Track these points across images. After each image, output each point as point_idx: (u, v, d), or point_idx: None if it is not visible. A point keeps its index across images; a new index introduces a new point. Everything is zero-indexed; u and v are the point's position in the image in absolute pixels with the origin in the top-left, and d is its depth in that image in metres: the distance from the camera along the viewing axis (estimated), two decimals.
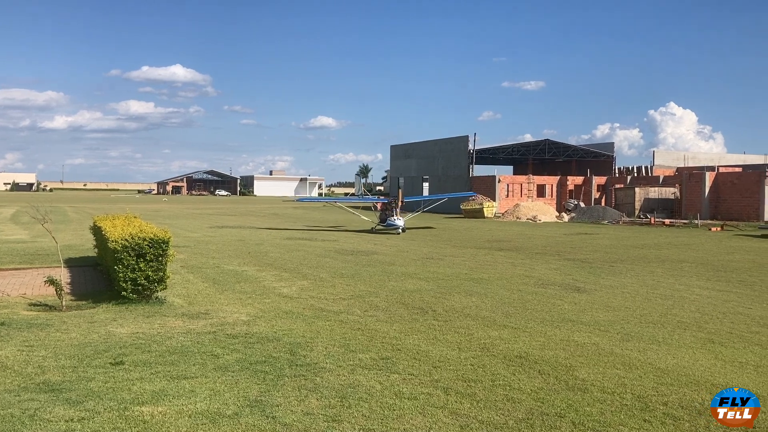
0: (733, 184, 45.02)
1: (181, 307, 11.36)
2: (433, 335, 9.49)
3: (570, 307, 11.93)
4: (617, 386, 7.09)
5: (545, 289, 14.04)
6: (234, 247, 22.50)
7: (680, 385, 7.20)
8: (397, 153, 72.03)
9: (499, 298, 12.88)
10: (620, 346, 8.94)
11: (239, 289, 13.55)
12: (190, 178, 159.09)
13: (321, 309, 11.42)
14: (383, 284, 14.40)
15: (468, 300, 12.57)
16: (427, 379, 7.28)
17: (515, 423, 5.98)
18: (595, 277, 16.14)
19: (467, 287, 14.18)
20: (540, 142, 64.34)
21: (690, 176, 47.67)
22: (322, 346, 8.71)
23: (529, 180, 56.50)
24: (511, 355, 8.39)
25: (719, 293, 13.87)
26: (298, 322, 10.21)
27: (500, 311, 11.47)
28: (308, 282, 14.61)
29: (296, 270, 16.67)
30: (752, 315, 11.44)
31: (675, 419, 6.13)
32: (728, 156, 73.17)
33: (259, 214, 50.96)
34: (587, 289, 14.12)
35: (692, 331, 10.05)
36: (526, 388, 6.99)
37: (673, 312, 11.62)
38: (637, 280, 15.79)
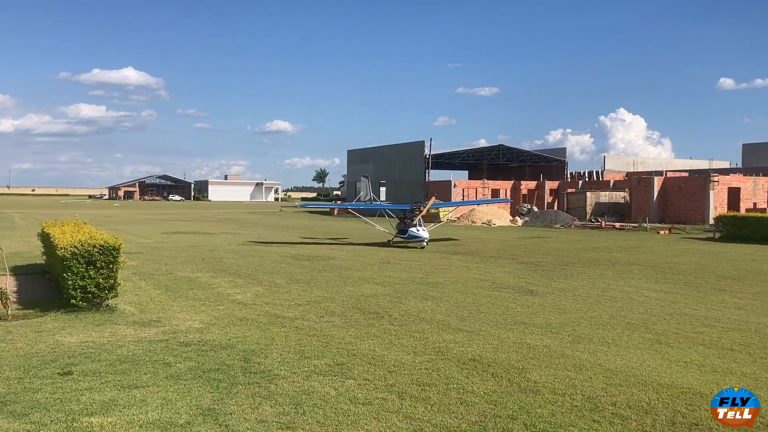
0: (680, 188, 46.35)
1: (133, 315, 11.15)
2: (388, 340, 9.52)
3: (523, 310, 12.12)
4: (568, 387, 7.24)
5: (499, 293, 14.23)
6: (187, 254, 22.17)
7: (628, 385, 7.38)
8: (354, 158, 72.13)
9: (454, 301, 13.00)
10: (571, 348, 9.13)
11: (192, 296, 13.37)
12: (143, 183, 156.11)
13: (276, 315, 11.35)
14: (339, 289, 14.38)
15: (423, 304, 12.65)
16: (382, 384, 7.30)
17: (468, 426, 6.06)
18: (547, 280, 16.43)
19: (423, 291, 14.27)
20: (494, 148, 65.24)
21: (639, 181, 48.92)
22: (277, 352, 8.65)
23: (484, 185, 57.20)
24: (465, 358, 8.48)
25: (666, 295, 14.27)
26: (252, 329, 10.12)
27: (455, 315, 11.58)
28: (263, 288, 14.50)
29: (251, 276, 16.52)
30: (697, 315, 11.79)
31: (623, 419, 6.29)
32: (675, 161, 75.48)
33: (214, 220, 50.30)
34: (540, 292, 14.36)
35: (640, 332, 10.32)
36: (480, 390, 7.08)
37: (623, 314, 11.91)
38: (588, 282, 16.13)
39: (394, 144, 65.22)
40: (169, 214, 62.56)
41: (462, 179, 63.91)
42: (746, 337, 10.00)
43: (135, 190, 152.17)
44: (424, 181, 58.40)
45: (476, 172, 73.63)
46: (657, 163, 72.25)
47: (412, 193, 57.43)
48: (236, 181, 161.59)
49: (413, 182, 59.34)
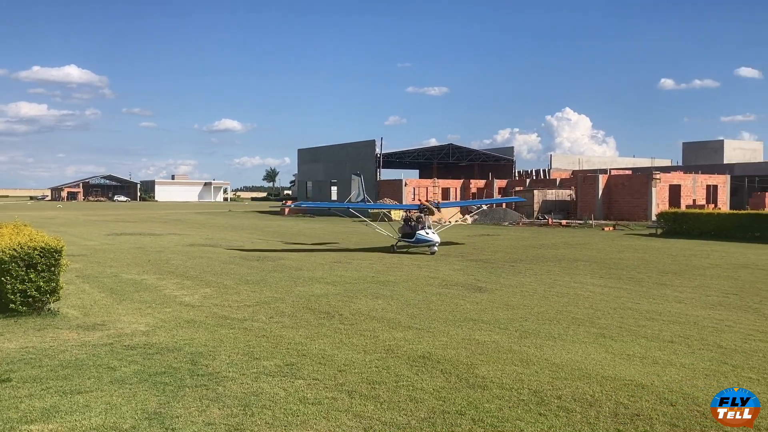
0: (624, 186, 47.62)
1: (76, 319, 10.85)
2: (338, 339, 9.51)
3: (472, 307, 12.27)
4: (515, 382, 7.36)
5: (449, 290, 14.37)
6: (133, 255, 21.69)
7: (573, 378, 7.55)
8: (305, 157, 71.73)
9: (404, 299, 13.07)
10: (518, 343, 9.28)
11: (138, 298, 13.09)
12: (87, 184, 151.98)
13: (224, 317, 11.21)
14: (290, 290, 14.29)
15: (374, 303, 12.68)
16: (332, 383, 7.29)
17: (417, 422, 6.10)
18: (496, 277, 16.66)
19: (374, 290, 14.30)
20: (444, 147, 65.78)
21: (584, 179, 50.06)
22: (225, 354, 8.55)
23: (435, 183, 57.65)
24: (414, 355, 8.54)
25: (611, 290, 14.64)
26: (200, 331, 9.97)
27: (405, 313, 11.65)
28: (212, 289, 14.30)
29: (199, 277, 16.27)
30: (640, 309, 12.14)
31: (568, 411, 6.43)
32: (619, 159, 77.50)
33: (161, 220, 49.32)
34: (488, 289, 14.56)
35: (585, 326, 10.57)
36: (429, 387, 7.14)
37: (569, 309, 12.17)
38: (536, 279, 16.43)
39: (345, 143, 65.13)
40: (115, 215, 61.08)
41: (413, 178, 64.27)
42: (685, 329, 10.35)
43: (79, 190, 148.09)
44: (375, 180, 58.48)
45: (427, 171, 74.13)
46: (602, 161, 74.05)
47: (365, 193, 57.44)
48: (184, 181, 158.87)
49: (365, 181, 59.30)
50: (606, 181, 48.35)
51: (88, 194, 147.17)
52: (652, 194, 45.12)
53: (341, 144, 65.68)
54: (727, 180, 50.69)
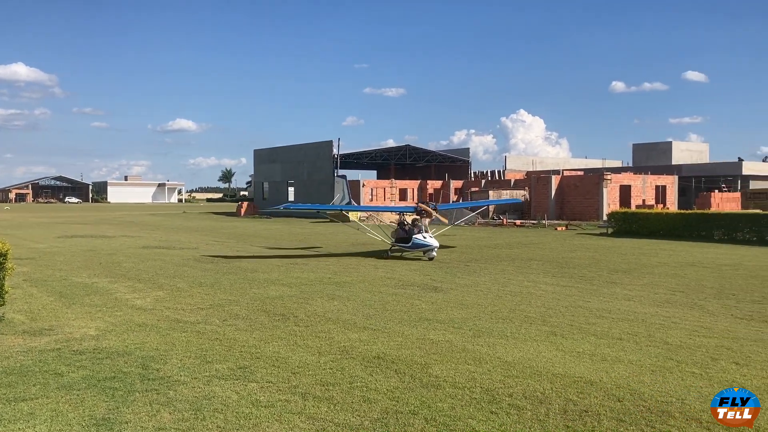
0: (576, 186, 48.56)
1: (22, 324, 10.55)
2: (293, 341, 9.47)
3: (427, 307, 12.36)
4: (468, 381, 7.45)
5: (405, 290, 14.44)
6: (84, 258, 21.20)
7: (525, 376, 7.68)
8: (262, 157, 71.09)
9: (360, 300, 13.08)
10: (472, 342, 9.40)
11: (88, 302, 12.80)
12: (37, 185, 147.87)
13: (177, 320, 11.04)
14: (245, 292, 14.16)
15: (330, 304, 12.66)
16: (286, 385, 7.26)
17: (370, 423, 6.13)
18: (451, 277, 16.81)
19: (330, 291, 14.28)
20: (401, 148, 66.02)
21: (538, 179, 50.89)
22: (177, 358, 8.43)
23: (392, 184, 57.85)
24: (369, 356, 8.56)
25: (562, 288, 14.92)
26: (151, 335, 9.81)
27: (361, 314, 11.67)
28: (164, 292, 14.07)
29: (152, 280, 15.99)
30: (590, 307, 12.41)
31: (519, 409, 6.54)
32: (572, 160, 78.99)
33: (113, 222, 48.30)
34: (444, 289, 14.69)
35: (537, 324, 10.75)
36: (383, 388, 7.17)
37: (521, 307, 12.36)
38: (490, 278, 16.64)
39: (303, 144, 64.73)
40: (65, 217, 59.55)
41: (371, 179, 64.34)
42: (634, 326, 10.61)
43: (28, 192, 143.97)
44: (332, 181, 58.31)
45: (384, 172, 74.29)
46: (555, 162, 75.37)
47: (321, 194, 57.28)
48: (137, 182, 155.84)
49: (322, 182, 59.15)
50: (559, 181, 49.22)
51: (38, 196, 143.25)
52: (603, 194, 46.11)
53: (298, 144, 65.29)
54: (675, 180, 52.16)
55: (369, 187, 56.49)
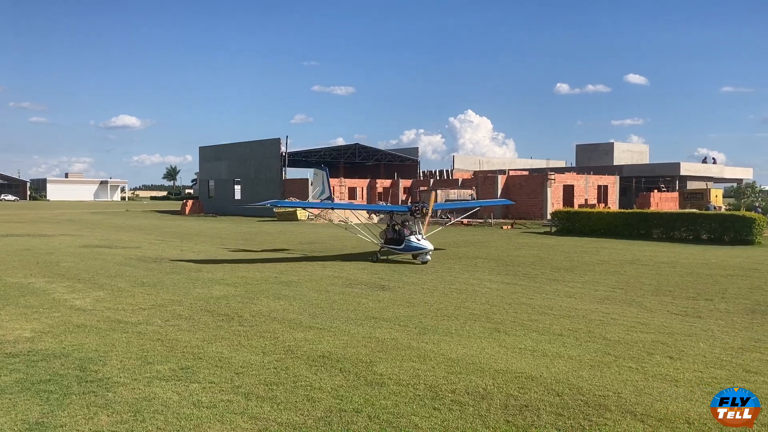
0: (521, 186, 49.42)
1: None
2: (237, 341, 9.37)
3: (374, 305, 12.40)
4: (412, 378, 7.51)
5: (352, 289, 14.44)
6: (20, 258, 20.47)
7: (468, 372, 7.79)
8: (207, 155, 69.94)
9: (307, 300, 13.02)
10: (417, 340, 9.47)
11: (24, 303, 12.38)
12: None
13: (118, 321, 10.79)
14: (188, 292, 13.93)
15: (276, 303, 12.57)
16: (228, 386, 7.19)
17: (314, 422, 6.12)
18: (399, 275, 16.90)
19: (276, 291, 14.17)
20: (351, 146, 65.98)
21: (485, 179, 51.58)
22: (117, 359, 8.24)
23: (341, 183, 57.76)
24: (314, 355, 8.54)
25: (507, 286, 15.17)
26: (90, 336, 9.56)
27: (307, 313, 11.62)
28: (105, 292, 13.72)
29: (92, 280, 15.57)
30: (533, 304, 12.65)
31: (461, 405, 6.63)
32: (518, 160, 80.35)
33: (52, 221, 46.76)
34: (391, 287, 14.75)
35: (481, 321, 10.91)
36: (327, 386, 7.17)
37: (467, 305, 12.52)
38: (437, 276, 16.79)
39: (250, 141, 63.95)
40: (1, 215, 57.35)
41: None
42: (574, 323, 10.88)
43: None
44: (280, 179, 57.90)
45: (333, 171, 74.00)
46: (501, 162, 76.50)
47: (269, 192, 56.80)
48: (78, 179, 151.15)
49: (270, 180, 58.65)
50: (505, 181, 50.01)
51: None
52: (547, 194, 47.05)
53: (245, 142, 64.47)
54: (616, 180, 53.60)
55: None
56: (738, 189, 62.00)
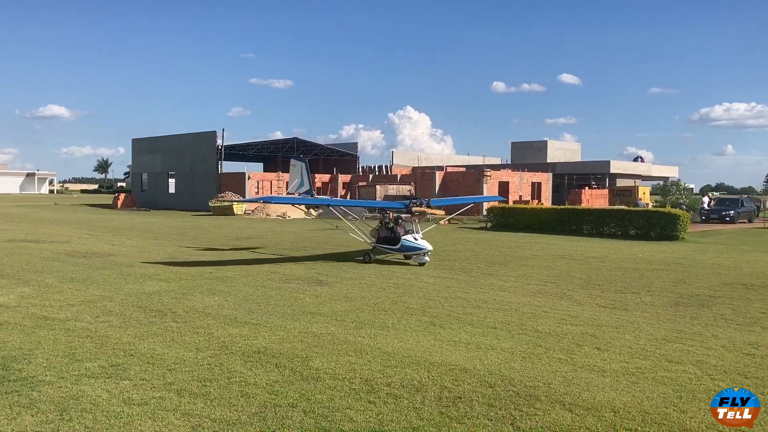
0: (459, 182, 50.11)
1: None
2: (170, 337, 9.19)
3: (311, 300, 12.36)
4: (348, 372, 7.54)
5: (289, 284, 14.35)
6: None
7: (403, 366, 7.87)
8: (140, 147, 68.00)
9: (242, 295, 12.87)
10: (354, 334, 9.51)
11: None
12: None
13: (44, 317, 10.41)
14: (119, 287, 13.55)
15: (210, 299, 12.38)
16: (161, 382, 7.05)
17: (248, 417, 6.07)
18: (337, 270, 16.89)
19: (211, 286, 13.95)
20: (289, 140, 65.40)
21: (423, 175, 52.07)
22: (43, 357, 7.96)
23: (279, 177, 57.17)
24: (249, 351, 8.46)
25: (443, 280, 15.38)
26: (14, 334, 9.20)
27: (242, 308, 11.49)
28: (30, 288, 13.21)
29: (16, 276, 14.96)
30: (468, 298, 12.87)
31: (396, 398, 6.70)
32: (455, 157, 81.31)
33: None
34: (329, 282, 14.73)
35: (417, 315, 11.03)
36: (262, 382, 7.12)
37: (404, 299, 12.63)
38: (375, 271, 16.86)
39: (185, 133, 62.47)
40: None
41: (257, 171, 63.28)
42: (507, 316, 11.13)
43: None
44: (216, 172, 56.87)
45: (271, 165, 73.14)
46: (439, 158, 77.32)
47: (205, 186, 55.76)
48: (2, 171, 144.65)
49: (205, 174, 57.52)
50: (442, 177, 50.60)
51: None
52: (483, 190, 47.85)
53: (180, 134, 62.95)
54: (549, 178, 55.00)
55: (255, 180, 55.54)
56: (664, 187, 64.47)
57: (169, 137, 64.46)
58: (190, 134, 61.32)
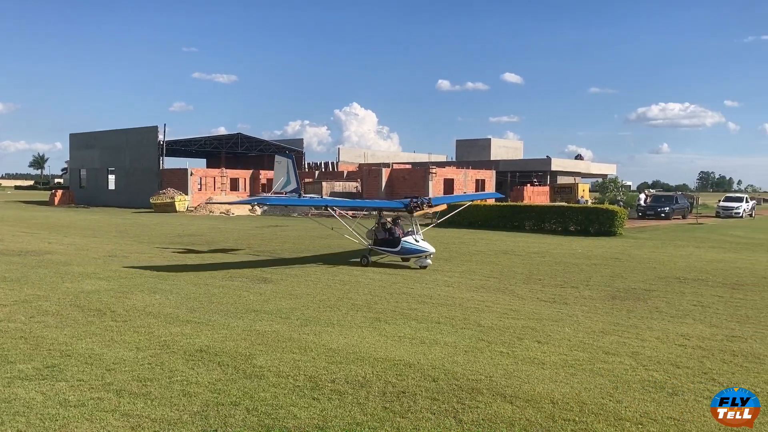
0: (405, 179, 50.42)
1: None
2: (109, 337, 8.97)
3: (255, 298, 12.24)
4: (292, 369, 7.51)
5: (233, 282, 14.18)
6: None
7: (348, 362, 7.89)
8: (78, 142, 65.93)
9: (185, 293, 12.66)
10: (298, 331, 9.47)
11: None
12: None
13: None
14: (56, 287, 13.14)
15: (152, 298, 12.12)
16: (99, 383, 6.88)
17: (189, 417, 5.99)
18: (282, 267, 16.77)
19: (152, 284, 13.66)
20: (233, 136, 64.48)
21: (369, 172, 52.17)
22: None
23: (223, 173, 56.36)
24: (191, 350, 8.33)
25: (389, 276, 15.45)
26: None
27: (185, 307, 11.30)
28: None
29: None
30: (413, 294, 12.97)
31: (340, 394, 6.72)
32: (402, 154, 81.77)
33: None
34: (274, 279, 14.61)
35: (363, 311, 11.07)
36: (204, 381, 7.02)
37: (349, 296, 12.65)
38: (320, 268, 16.82)
39: (125, 129, 60.88)
40: None
41: (200, 167, 62.19)
42: (451, 310, 11.27)
43: None
44: (158, 169, 55.63)
45: (214, 161, 72.03)
46: (386, 155, 77.56)
47: (146, 182, 54.50)
48: None
49: (146, 170, 56.18)
50: (389, 174, 50.81)
51: None
52: (429, 187, 48.27)
53: (120, 129, 61.31)
54: (493, 175, 55.90)
55: (197, 176, 54.58)
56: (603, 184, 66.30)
57: (108, 132, 62.72)
58: (131, 129, 59.81)
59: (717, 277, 15.73)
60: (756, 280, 15.15)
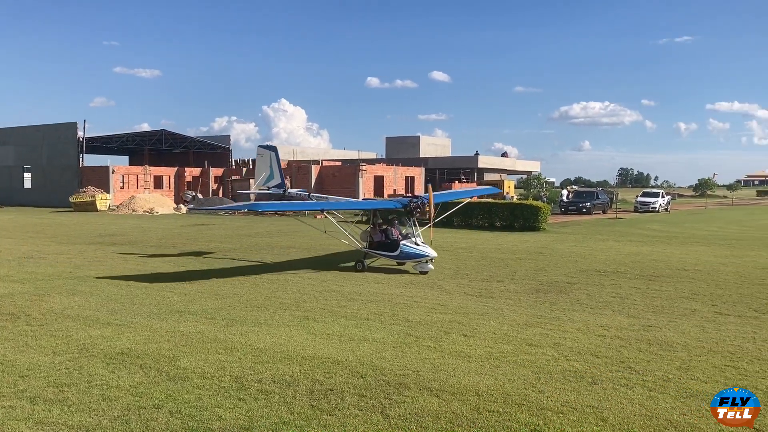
0: (335, 176, 50.31)
1: None
2: (23, 342, 8.59)
3: (179, 299, 11.96)
4: (217, 370, 7.38)
5: (156, 283, 13.80)
6: None
7: (275, 361, 7.81)
8: None
9: (105, 295, 12.24)
10: (224, 332, 9.30)
11: None
12: None
13: None
14: None
15: (70, 300, 11.67)
16: (11, 390, 6.57)
17: (110, 422, 5.79)
18: (207, 267, 16.44)
19: (71, 286, 13.14)
20: (157, 132, 62.73)
21: (299, 169, 51.77)
22: None
23: (146, 171, 54.74)
24: (112, 353, 8.07)
25: (318, 274, 15.38)
26: None
27: (105, 309, 10.93)
28: None
29: None
30: (343, 291, 12.96)
31: (267, 393, 6.64)
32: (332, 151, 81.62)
33: None
34: (198, 279, 14.30)
35: (291, 310, 10.98)
36: (125, 384, 6.81)
37: (277, 294, 12.52)
38: (249, 266, 16.57)
39: (41, 125, 58.14)
40: None
41: (122, 165, 60.17)
42: (380, 307, 11.32)
43: None
44: (77, 166, 53.49)
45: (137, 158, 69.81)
46: (316, 153, 77.22)
47: (64, 180, 52.34)
48: None
49: (65, 167, 53.90)
50: (319, 171, 50.57)
51: None
52: (359, 184, 48.34)
53: (36, 125, 58.53)
54: (422, 172, 56.49)
55: (120, 174, 52.83)
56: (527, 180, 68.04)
57: (23, 128, 59.79)
58: (48, 125, 57.21)
59: (635, 269, 16.39)
60: (671, 272, 15.88)
